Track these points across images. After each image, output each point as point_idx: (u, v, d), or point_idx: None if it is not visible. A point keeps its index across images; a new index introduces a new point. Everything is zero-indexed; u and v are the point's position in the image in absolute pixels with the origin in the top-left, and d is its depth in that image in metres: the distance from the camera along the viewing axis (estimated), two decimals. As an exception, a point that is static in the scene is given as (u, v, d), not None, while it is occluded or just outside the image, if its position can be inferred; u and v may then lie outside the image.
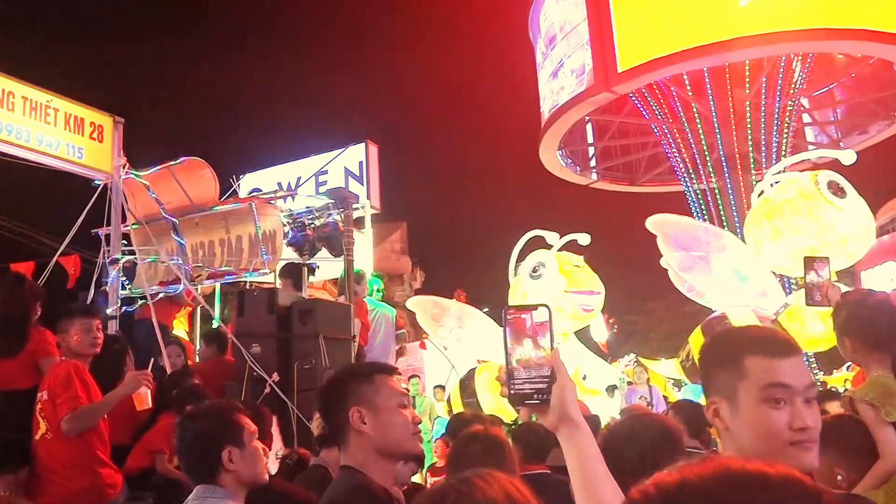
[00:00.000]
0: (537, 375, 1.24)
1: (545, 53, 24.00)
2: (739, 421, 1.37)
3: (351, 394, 1.94)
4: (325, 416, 2.07)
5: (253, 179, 10.95)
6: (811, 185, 8.93)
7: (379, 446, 1.90)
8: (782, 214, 9.22)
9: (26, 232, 10.25)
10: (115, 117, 6.20)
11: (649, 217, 10.71)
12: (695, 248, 9.87)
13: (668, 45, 19.50)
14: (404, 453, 1.99)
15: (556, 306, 11.26)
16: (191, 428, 2.31)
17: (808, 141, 26.28)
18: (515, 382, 1.25)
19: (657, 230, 10.37)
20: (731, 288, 9.74)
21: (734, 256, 9.73)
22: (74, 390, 3.74)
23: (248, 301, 5.75)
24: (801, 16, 18.35)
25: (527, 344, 1.25)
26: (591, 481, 1.19)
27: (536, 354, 1.24)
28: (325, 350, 5.29)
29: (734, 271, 9.68)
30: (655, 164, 26.93)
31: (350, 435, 1.91)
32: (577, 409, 1.24)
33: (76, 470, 3.77)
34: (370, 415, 1.91)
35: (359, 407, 1.91)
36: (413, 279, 37.63)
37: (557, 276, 11.19)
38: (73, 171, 6.00)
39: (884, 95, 23.30)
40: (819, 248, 8.79)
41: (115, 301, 6.01)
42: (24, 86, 5.61)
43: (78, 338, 3.95)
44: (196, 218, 6.86)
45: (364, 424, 1.90)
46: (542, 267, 11.33)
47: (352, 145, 10.20)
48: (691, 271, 10.10)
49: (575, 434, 1.22)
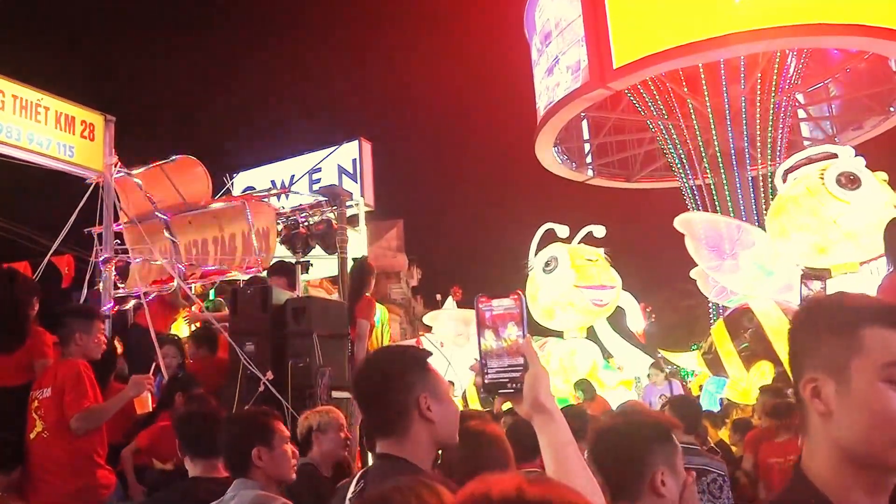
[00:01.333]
0: (510, 364, 1.24)
1: (540, 50, 23.98)
2: (849, 403, 1.13)
3: (418, 379, 1.83)
4: (372, 401, 1.87)
5: (246, 177, 10.91)
6: (816, 181, 8.94)
7: (441, 435, 1.82)
8: (787, 212, 9.25)
9: (19, 231, 10.21)
10: (107, 116, 6.17)
11: (678, 216, 10.78)
12: (723, 245, 9.87)
13: (663, 42, 19.51)
14: (454, 444, 1.91)
15: (567, 301, 11.34)
16: (229, 430, 2.74)
17: (803, 136, 26.32)
18: (489, 372, 1.25)
19: (685, 229, 10.39)
20: (757, 282, 9.75)
21: (761, 252, 9.73)
22: (84, 389, 3.77)
23: (242, 299, 5.72)
24: (795, 11, 18.37)
25: (500, 333, 1.24)
26: (564, 469, 1.20)
27: (509, 344, 1.24)
28: (320, 348, 5.27)
29: (760, 266, 9.69)
30: (651, 160, 26.95)
31: (413, 423, 1.79)
32: (550, 397, 1.24)
33: (71, 470, 3.77)
34: (435, 402, 1.82)
35: (426, 394, 1.81)
36: (409, 277, 37.65)
37: (568, 271, 11.27)
38: (65, 170, 5.96)
39: (879, 91, 23.35)
40: (823, 245, 8.80)
41: (109, 300, 5.98)
42: (14, 84, 5.57)
43: (97, 339, 4.03)
44: (189, 216, 6.83)
45: (430, 412, 1.80)
46: (554, 261, 11.41)
47: (345, 142, 10.16)
48: (720, 270, 10.11)
49: (548, 422, 1.23)
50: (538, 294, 11.49)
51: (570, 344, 11.54)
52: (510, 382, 1.24)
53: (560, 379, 10.88)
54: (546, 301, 11.45)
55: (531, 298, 11.38)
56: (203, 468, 2.97)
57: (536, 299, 11.43)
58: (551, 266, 11.46)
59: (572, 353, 11.24)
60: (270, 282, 5.98)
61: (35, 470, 3.78)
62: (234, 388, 5.15)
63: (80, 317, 4.04)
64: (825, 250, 8.81)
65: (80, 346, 3.93)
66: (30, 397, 3.87)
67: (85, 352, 3.95)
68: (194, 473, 2.99)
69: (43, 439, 3.78)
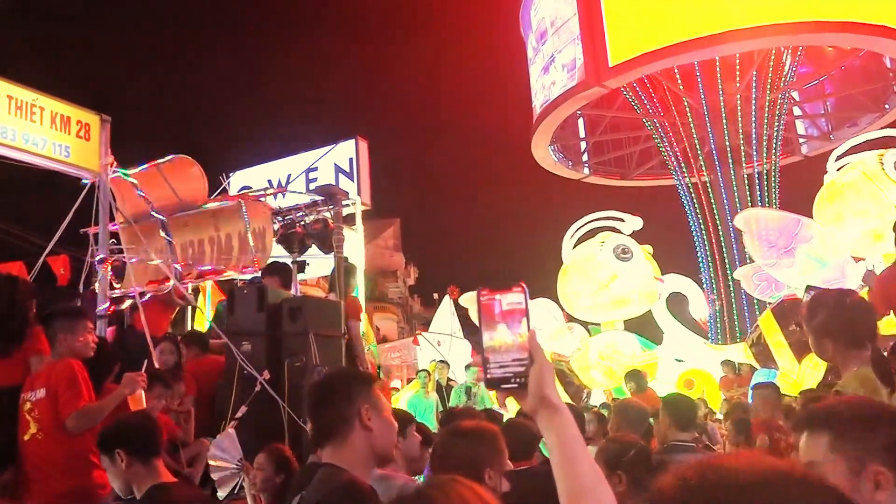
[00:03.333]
0: (514, 359, 1.21)
1: (536, 48, 23.99)
2: None
3: (361, 393, 2.06)
4: (320, 410, 2.11)
5: (242, 177, 10.92)
6: (875, 165, 8.96)
7: (378, 446, 2.03)
8: (843, 197, 9.28)
9: (14, 231, 10.19)
10: (102, 115, 6.14)
11: (739, 213, 10.92)
12: (781, 241, 9.87)
13: (658, 40, 19.53)
14: (389, 457, 2.14)
15: (647, 291, 11.51)
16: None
17: (798, 134, 26.36)
18: (491, 366, 1.21)
19: (745, 227, 10.45)
20: (812, 274, 9.71)
21: (817, 245, 9.73)
22: (79, 389, 3.76)
23: (238, 299, 5.72)
24: (790, 9, 18.41)
25: (503, 327, 1.21)
26: (571, 464, 1.17)
27: (513, 337, 1.21)
28: (316, 347, 5.28)
29: (816, 258, 9.69)
30: (647, 158, 26.99)
31: (353, 431, 2.01)
32: (555, 392, 1.22)
33: (67, 470, 3.75)
34: (375, 416, 2.04)
35: (368, 406, 2.03)
36: (406, 276, 37.66)
37: (644, 262, 11.46)
38: (60, 170, 5.94)
39: (874, 88, 23.41)
40: (881, 231, 8.76)
41: (104, 300, 5.97)
42: (9, 84, 5.55)
43: (83, 338, 3.99)
44: (185, 216, 6.81)
45: (369, 422, 2.01)
46: (629, 251, 11.52)
47: (342, 141, 10.16)
48: (777, 268, 10.11)
49: (554, 417, 1.20)
50: (614, 279, 11.47)
51: (609, 336, 11.56)
52: (514, 377, 1.21)
53: (600, 372, 10.88)
54: (624, 289, 11.48)
55: (594, 281, 11.34)
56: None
57: (607, 286, 11.44)
58: (628, 255, 11.54)
59: (612, 345, 11.26)
60: (264, 282, 5.99)
61: (30, 471, 3.76)
62: (230, 388, 5.16)
63: (61, 317, 4.01)
64: (881, 237, 8.74)
65: (66, 345, 3.91)
66: (20, 399, 3.85)
67: (73, 351, 3.92)
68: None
69: (37, 441, 3.76)
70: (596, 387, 11.32)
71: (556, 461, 1.18)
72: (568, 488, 1.14)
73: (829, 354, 2.69)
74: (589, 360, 11.08)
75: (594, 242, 11.80)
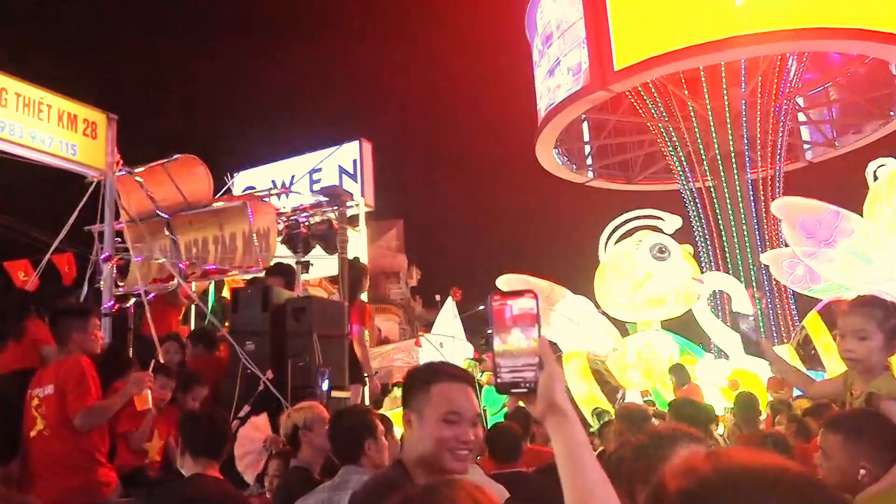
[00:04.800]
0: (524, 364, 1.22)
1: (542, 51, 24.01)
2: None
3: None
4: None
5: (247, 177, 10.95)
6: None
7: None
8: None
9: (20, 229, 10.23)
10: (109, 114, 6.16)
11: (776, 200, 10.74)
12: (820, 232, 9.74)
13: (664, 44, 19.53)
14: None
15: (685, 291, 11.44)
16: (341, 425, 3.14)
17: (803, 140, 26.34)
18: (502, 370, 1.22)
19: (783, 215, 10.36)
20: (856, 271, 9.60)
21: (860, 240, 9.62)
22: (87, 386, 3.79)
23: (242, 298, 5.74)
24: (796, 15, 18.40)
25: (514, 331, 1.23)
26: (578, 470, 1.17)
27: (524, 342, 1.22)
28: (319, 347, 5.29)
29: (860, 255, 9.56)
30: (651, 162, 26.98)
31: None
32: (564, 397, 1.22)
33: (72, 467, 3.77)
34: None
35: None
36: (409, 277, 37.67)
37: (682, 262, 11.41)
38: (67, 168, 5.96)
39: (878, 95, 23.37)
40: None
41: (109, 299, 5.98)
42: (16, 82, 5.57)
43: (94, 336, 4.05)
44: (190, 215, 6.83)
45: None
46: (667, 250, 11.44)
47: (346, 143, 10.19)
48: (815, 258, 9.93)
49: (562, 422, 1.20)
50: (650, 278, 11.37)
51: (646, 336, 11.50)
52: (523, 382, 1.22)
53: (637, 373, 10.85)
54: (659, 288, 11.35)
55: (629, 280, 11.26)
56: (203, 467, 3.03)
57: (642, 285, 11.33)
58: (665, 254, 11.46)
59: (649, 345, 11.21)
60: (268, 282, 6.01)
61: (35, 467, 3.78)
62: (233, 387, 5.17)
63: (73, 316, 4.05)
64: None
65: (77, 344, 3.96)
66: (28, 395, 3.88)
67: (84, 349, 3.96)
68: (194, 471, 3.03)
69: (44, 437, 3.78)
70: (632, 387, 11.27)
71: (563, 467, 1.18)
72: (575, 495, 1.14)
73: (875, 353, 2.70)
74: (627, 360, 11.05)
75: (632, 241, 11.60)
